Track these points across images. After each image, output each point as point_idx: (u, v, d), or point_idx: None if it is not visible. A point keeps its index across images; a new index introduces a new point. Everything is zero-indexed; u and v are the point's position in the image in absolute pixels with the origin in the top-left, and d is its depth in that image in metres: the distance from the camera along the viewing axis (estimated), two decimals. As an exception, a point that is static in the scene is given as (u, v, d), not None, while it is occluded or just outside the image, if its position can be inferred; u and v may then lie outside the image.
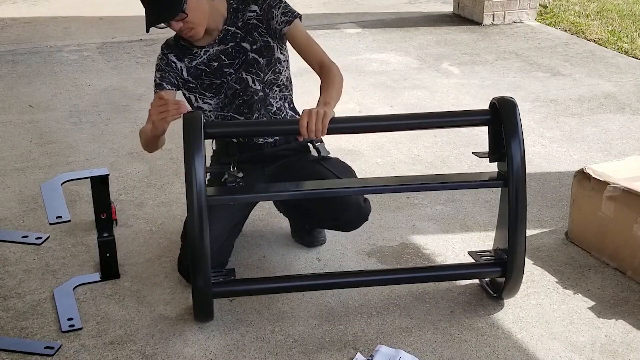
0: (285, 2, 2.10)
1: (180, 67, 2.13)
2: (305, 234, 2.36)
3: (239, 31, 2.09)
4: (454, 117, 2.25)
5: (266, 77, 2.13)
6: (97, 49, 4.59)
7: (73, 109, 3.60)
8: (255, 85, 2.12)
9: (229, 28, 2.09)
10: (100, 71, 4.17)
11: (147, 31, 2.00)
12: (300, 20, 2.10)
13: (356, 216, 2.12)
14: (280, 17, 2.06)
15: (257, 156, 2.20)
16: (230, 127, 2.08)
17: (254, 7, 2.09)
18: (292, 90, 2.24)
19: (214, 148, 2.29)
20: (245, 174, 2.06)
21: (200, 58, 2.11)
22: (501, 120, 1.90)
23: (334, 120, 1.88)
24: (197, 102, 2.17)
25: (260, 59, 2.10)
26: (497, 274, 2.01)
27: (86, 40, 4.79)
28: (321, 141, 2.23)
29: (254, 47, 2.10)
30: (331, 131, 1.87)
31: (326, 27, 4.97)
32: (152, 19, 1.97)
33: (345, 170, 2.15)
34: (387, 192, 2.57)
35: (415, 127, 2.48)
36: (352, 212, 2.10)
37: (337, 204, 2.07)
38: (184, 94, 2.19)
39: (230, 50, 2.10)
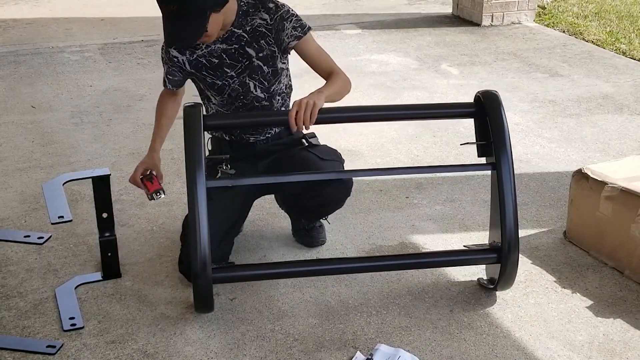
0: (297, 16, 2.09)
1: (183, 60, 2.13)
2: (305, 233, 2.38)
3: (245, 35, 2.09)
4: (440, 109, 2.34)
5: (272, 87, 2.15)
6: (99, 50, 4.60)
7: (75, 110, 3.62)
8: (256, 91, 2.14)
9: (235, 30, 2.08)
10: (101, 72, 4.19)
11: (169, 47, 2.02)
12: (310, 31, 2.10)
13: (338, 190, 2.14)
14: (291, 31, 2.06)
15: (249, 153, 2.23)
16: (228, 119, 2.12)
17: (265, 16, 2.07)
18: (290, 97, 2.26)
19: (209, 148, 2.31)
20: (238, 171, 2.10)
21: (201, 50, 2.11)
22: (486, 112, 1.97)
23: (323, 110, 1.93)
24: (208, 95, 2.20)
25: (265, 67, 2.11)
26: (493, 260, 2.02)
27: (88, 41, 4.80)
28: (314, 136, 2.26)
29: (260, 54, 2.10)
30: (320, 121, 1.92)
31: (326, 28, 4.99)
32: (178, 42, 1.97)
33: (330, 153, 2.19)
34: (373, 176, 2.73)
35: (402, 118, 2.53)
36: (333, 186, 2.12)
37: (319, 181, 2.08)
38: (198, 86, 2.23)
39: (233, 51, 2.10)
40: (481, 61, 4.30)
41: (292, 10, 2.10)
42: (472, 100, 2.07)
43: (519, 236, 1.98)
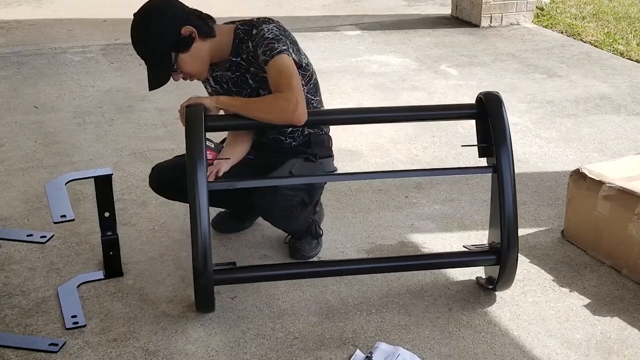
0: (270, 38, 2.03)
1: (206, 87, 2.27)
2: (292, 241, 2.34)
3: (243, 63, 2.12)
4: (442, 110, 2.35)
5: None
6: (101, 51, 4.62)
7: (77, 110, 3.64)
8: None
9: (234, 59, 2.12)
10: (104, 72, 4.21)
11: (151, 90, 2.09)
12: (281, 54, 2.00)
13: (265, 199, 2.09)
14: (262, 57, 2.03)
15: (275, 147, 2.26)
16: (229, 120, 2.14)
17: (250, 44, 2.09)
18: (315, 98, 2.23)
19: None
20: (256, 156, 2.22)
21: (216, 72, 2.19)
22: (487, 113, 1.98)
23: (333, 112, 1.92)
24: None
25: (262, 91, 2.13)
26: (492, 261, 2.04)
27: (90, 42, 4.82)
28: (331, 155, 2.29)
29: (256, 79, 2.13)
30: (321, 122, 1.90)
31: (326, 29, 5.01)
32: (150, 84, 2.08)
33: (302, 170, 2.16)
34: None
35: (405, 119, 2.54)
36: (263, 195, 2.08)
37: (260, 190, 2.09)
38: None
39: (236, 79, 2.15)
40: (480, 62, 4.32)
41: (268, 32, 2.04)
42: (472, 101, 2.08)
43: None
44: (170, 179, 2.21)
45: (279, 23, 2.11)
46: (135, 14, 2.05)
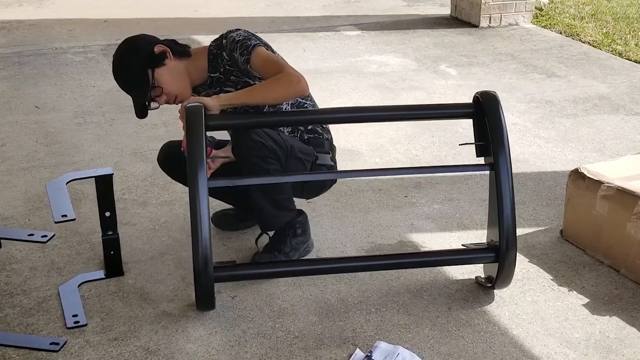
0: (241, 40, 2.11)
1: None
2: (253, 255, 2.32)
3: (221, 76, 2.18)
4: (439, 109, 2.37)
5: (264, 108, 2.17)
6: (102, 51, 4.63)
7: (78, 110, 3.65)
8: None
9: (213, 75, 2.19)
10: (104, 72, 4.21)
11: (140, 118, 2.18)
12: (257, 47, 2.09)
13: (239, 141, 2.10)
14: (241, 58, 2.10)
15: None
16: (230, 119, 2.15)
17: (224, 54, 2.15)
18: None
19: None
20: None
21: (202, 93, 2.24)
22: (484, 112, 1.99)
23: (331, 111, 1.93)
24: None
25: None
26: (491, 259, 2.05)
27: (91, 42, 4.83)
28: (328, 153, 2.28)
29: (238, 87, 2.16)
30: (321, 122, 1.91)
31: (326, 30, 5.02)
32: (135, 105, 2.15)
33: (276, 134, 2.16)
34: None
35: (402, 118, 2.55)
36: (238, 138, 2.09)
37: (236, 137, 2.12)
38: None
39: (218, 93, 2.17)
40: (479, 62, 4.33)
41: (237, 36, 2.12)
42: (470, 101, 2.09)
43: (516, 235, 2.00)
44: (176, 157, 2.23)
45: (246, 30, 2.18)
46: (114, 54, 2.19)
